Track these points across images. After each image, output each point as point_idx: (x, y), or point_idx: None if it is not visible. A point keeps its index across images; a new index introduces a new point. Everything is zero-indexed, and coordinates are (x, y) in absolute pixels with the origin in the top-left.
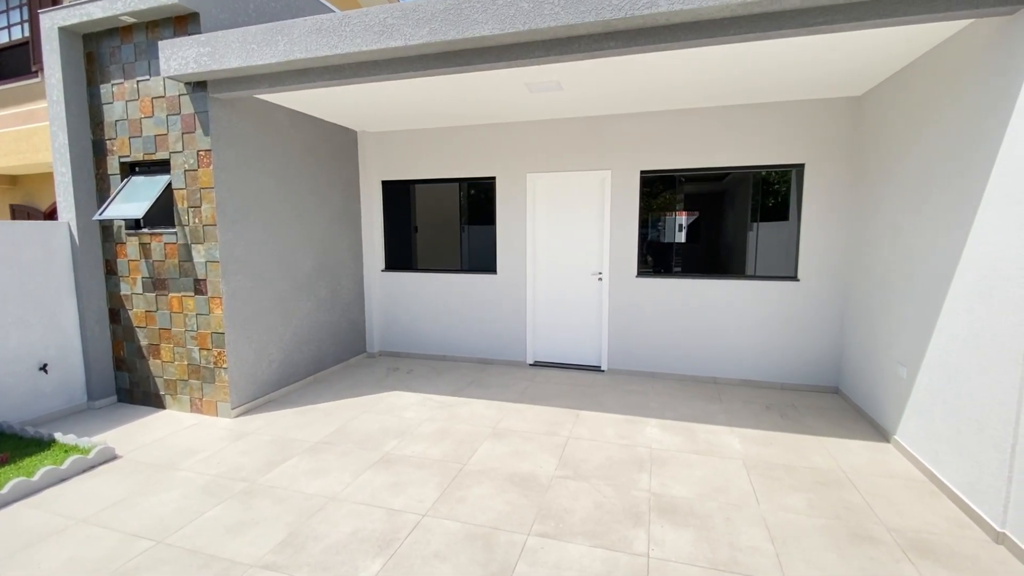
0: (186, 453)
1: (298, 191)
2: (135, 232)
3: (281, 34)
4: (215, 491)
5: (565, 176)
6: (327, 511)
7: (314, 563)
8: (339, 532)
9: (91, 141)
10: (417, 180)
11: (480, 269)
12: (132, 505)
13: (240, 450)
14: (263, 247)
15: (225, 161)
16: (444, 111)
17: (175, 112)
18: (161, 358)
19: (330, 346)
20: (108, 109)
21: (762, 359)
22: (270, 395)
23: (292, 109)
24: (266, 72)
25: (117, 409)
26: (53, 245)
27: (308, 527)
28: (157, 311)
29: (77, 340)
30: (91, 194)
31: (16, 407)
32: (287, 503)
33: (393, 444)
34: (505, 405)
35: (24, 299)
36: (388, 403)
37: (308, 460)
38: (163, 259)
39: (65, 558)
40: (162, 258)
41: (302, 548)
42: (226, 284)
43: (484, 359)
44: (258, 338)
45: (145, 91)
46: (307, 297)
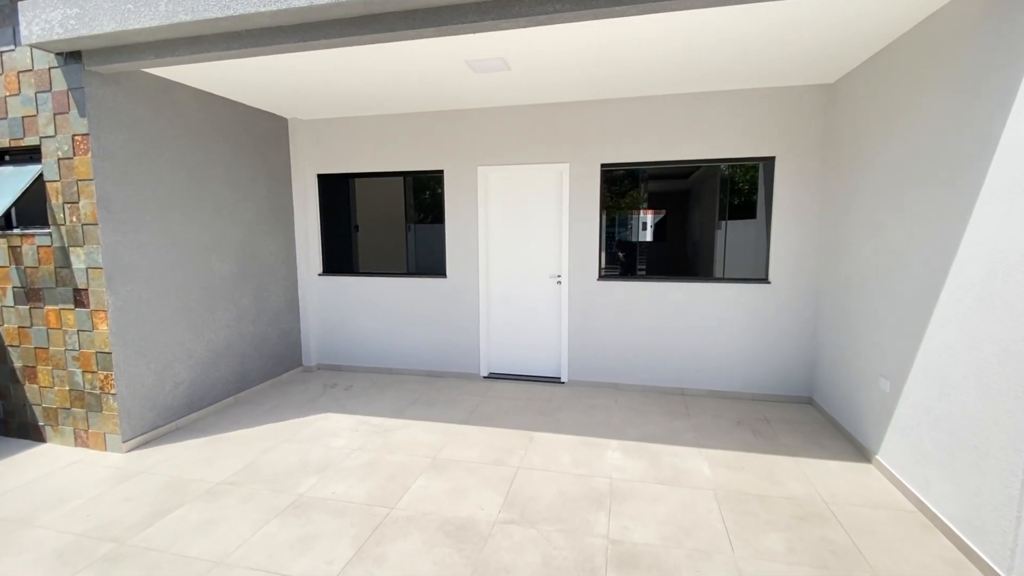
0: (54, 502)
1: (211, 185)
2: (4, 233)
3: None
4: (71, 557)
5: (520, 170)
6: None
7: None
8: None
9: None
10: (357, 174)
11: (428, 272)
12: None
13: (122, 496)
14: (164, 250)
15: (109, 148)
16: (383, 95)
17: (45, 89)
18: (39, 382)
19: (255, 360)
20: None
21: (732, 368)
22: (176, 422)
23: (201, 90)
24: (150, 40)
25: None
26: None
27: None
28: (32, 327)
29: None
30: None
31: None
32: (159, 571)
33: (311, 483)
34: (451, 428)
35: None
36: (316, 428)
37: (202, 508)
38: (36, 265)
39: None
40: (35, 264)
41: None
42: (112, 295)
43: (433, 371)
44: (159, 357)
45: (10, 64)
46: (225, 307)
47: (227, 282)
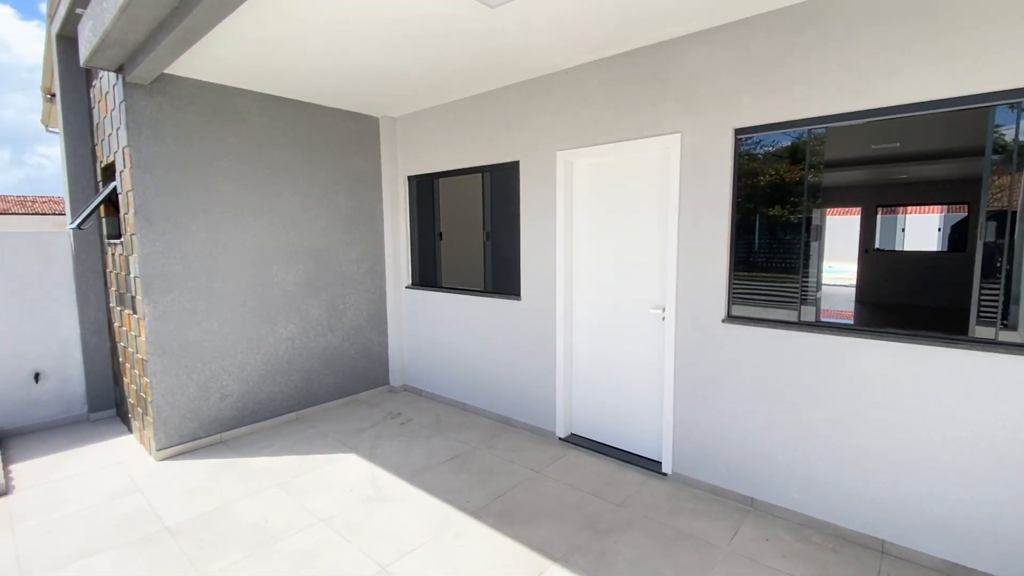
0: (52, 507)
1: (275, 193)
2: (113, 242)
3: None
4: None
5: (608, 151)
6: None
7: None
8: None
9: (90, 148)
10: (440, 173)
11: (503, 291)
12: None
13: (84, 521)
14: (213, 260)
15: (148, 160)
16: (455, 66)
17: (115, 108)
18: (126, 379)
19: (325, 376)
20: (95, 113)
21: (977, 520)
22: (222, 434)
23: (268, 95)
24: (144, 31)
25: (104, 425)
26: (52, 254)
27: None
28: (121, 327)
29: (77, 350)
30: (88, 203)
31: (11, 414)
32: None
33: (230, 560)
34: (452, 517)
35: (20, 308)
36: (320, 474)
37: (114, 560)
38: (119, 271)
39: None
40: (118, 270)
41: None
42: (150, 304)
43: (505, 418)
44: (203, 367)
45: (103, 88)
46: (288, 318)
47: (291, 293)
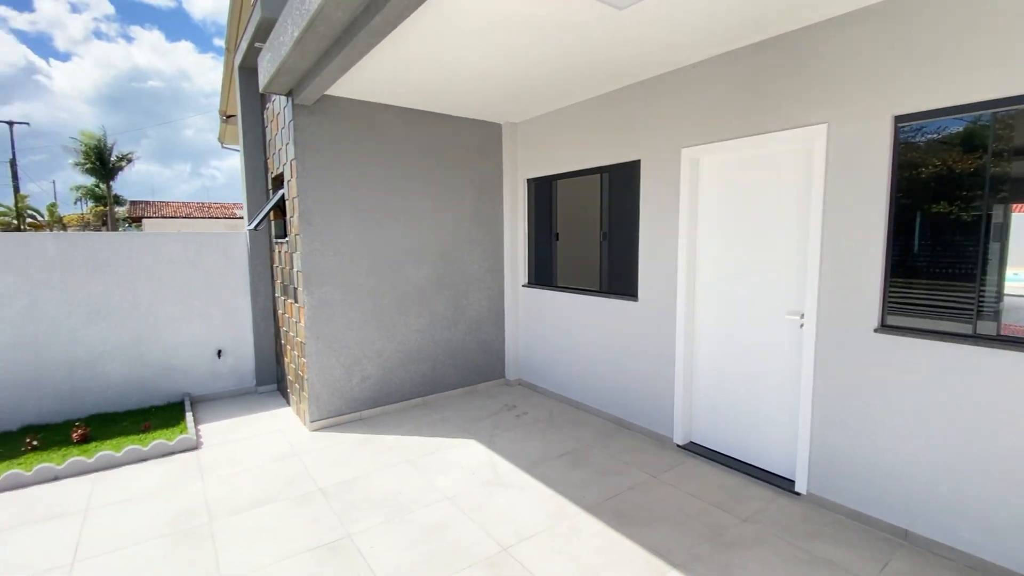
0: (231, 462)
1: (409, 197)
2: (280, 241)
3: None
4: (170, 526)
5: (738, 146)
6: None
7: None
8: None
9: (263, 162)
10: (558, 175)
11: (619, 291)
12: (124, 505)
13: (247, 480)
14: (358, 258)
15: (309, 169)
16: (581, 70)
17: (285, 127)
18: (287, 359)
19: (448, 367)
20: (268, 131)
21: None
22: (361, 412)
23: (407, 108)
24: (312, 60)
25: (268, 397)
26: (232, 252)
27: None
28: (284, 314)
29: (249, 333)
30: (261, 208)
31: (199, 383)
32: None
33: (364, 526)
34: (567, 511)
35: (208, 296)
36: (445, 457)
37: (280, 511)
38: (284, 266)
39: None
40: (283, 265)
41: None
42: (308, 295)
43: (619, 419)
44: (348, 352)
45: (275, 110)
46: (419, 312)
47: (422, 289)
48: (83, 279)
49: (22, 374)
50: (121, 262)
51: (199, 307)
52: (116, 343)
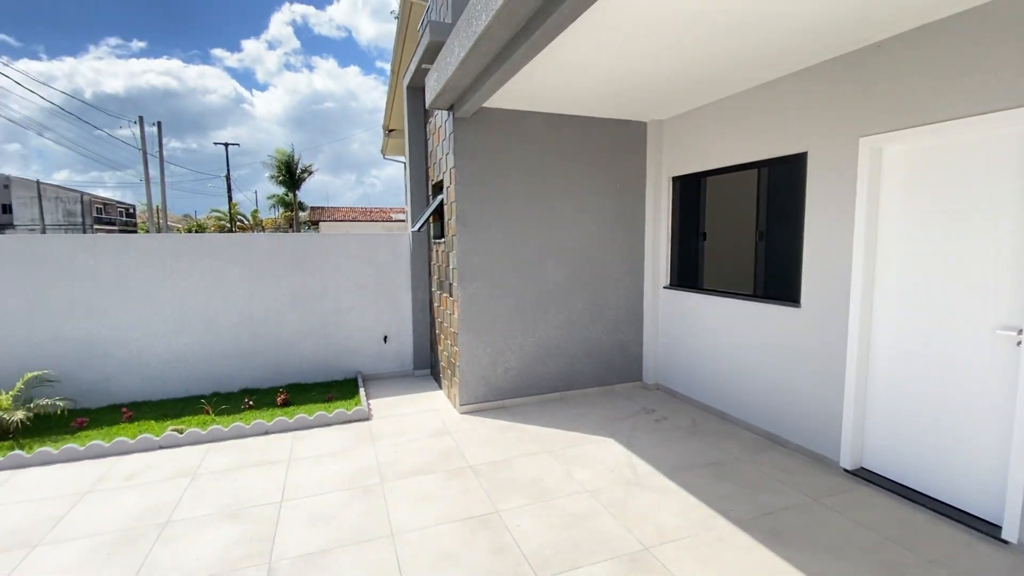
0: (396, 434)
1: (551, 198)
2: (437, 241)
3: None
4: (350, 482)
5: (939, 131)
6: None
7: None
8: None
9: (424, 170)
10: (708, 171)
11: (777, 296)
12: (301, 460)
13: (412, 448)
14: (504, 256)
15: (466, 176)
16: (737, 60)
17: (446, 138)
18: (440, 347)
19: (585, 365)
20: (429, 143)
21: None
22: (503, 401)
23: (551, 113)
24: (476, 66)
25: (423, 380)
26: (399, 250)
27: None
28: (439, 306)
29: (409, 322)
30: (423, 212)
31: (369, 364)
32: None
33: (519, 502)
34: (719, 522)
35: (378, 288)
36: (586, 451)
37: (437, 481)
38: (440, 263)
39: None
40: (440, 262)
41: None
42: (462, 290)
43: (772, 435)
44: (494, 343)
45: (437, 123)
46: (558, 310)
47: (561, 287)
48: (287, 272)
49: (243, 347)
50: (314, 258)
51: (371, 298)
52: (309, 326)
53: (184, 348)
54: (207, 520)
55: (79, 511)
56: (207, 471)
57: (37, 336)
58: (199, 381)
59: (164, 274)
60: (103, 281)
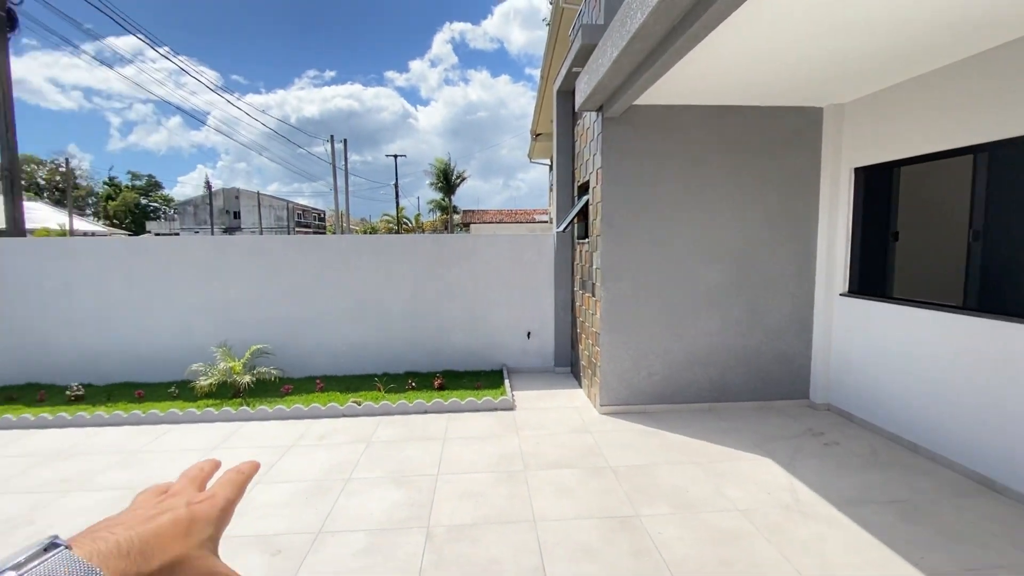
0: (538, 426)
1: (704, 195)
2: (581, 241)
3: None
4: (495, 466)
5: None
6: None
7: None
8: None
9: (570, 172)
10: (902, 160)
11: (999, 309)
12: (462, 440)
13: (555, 441)
14: (650, 257)
15: (613, 175)
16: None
17: (594, 139)
18: (581, 346)
19: (740, 376)
20: (576, 145)
21: None
22: (645, 406)
23: (707, 106)
24: (628, 65)
25: (563, 378)
26: (543, 250)
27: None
28: (581, 306)
29: (551, 320)
30: (567, 213)
31: (513, 357)
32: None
33: (662, 509)
34: (906, 571)
35: (523, 286)
36: (739, 469)
37: (576, 476)
38: (583, 263)
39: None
40: (583, 262)
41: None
42: (605, 290)
43: (984, 477)
44: (637, 347)
45: (585, 125)
46: (709, 315)
47: (713, 290)
48: (445, 269)
49: (407, 335)
50: (468, 257)
51: (516, 295)
52: (461, 318)
53: (362, 332)
54: (378, 482)
55: (285, 460)
56: (378, 440)
57: (259, 316)
58: (372, 362)
59: (348, 269)
60: (305, 273)
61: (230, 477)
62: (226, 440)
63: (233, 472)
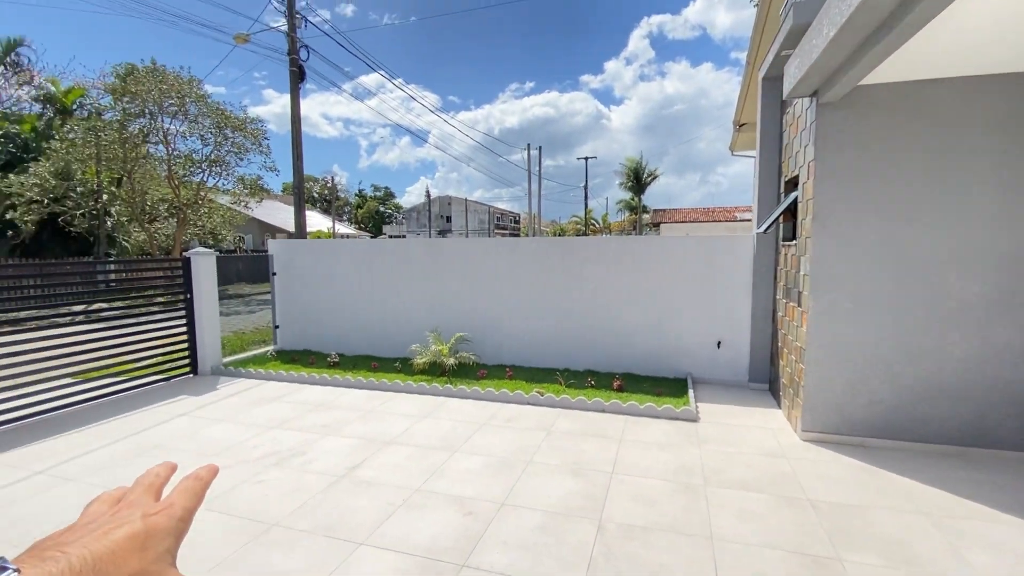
0: (723, 442)
1: (960, 187)
2: (787, 243)
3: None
4: (672, 475)
5: None
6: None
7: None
8: None
9: (777, 166)
10: None
11: None
12: (666, 451)
13: (743, 460)
14: (877, 264)
15: (829, 168)
16: None
17: (805, 128)
18: (782, 361)
19: (1007, 419)
20: (784, 136)
21: None
22: (865, 439)
23: (961, 76)
24: (852, 39)
25: (758, 395)
26: (739, 252)
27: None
28: (784, 316)
29: (747, 330)
30: (771, 212)
31: (699, 367)
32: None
33: (874, 561)
34: None
35: (714, 291)
36: (991, 532)
37: (742, 497)
38: (789, 268)
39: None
40: (788, 267)
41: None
42: (814, 300)
43: None
44: (854, 368)
45: (795, 113)
46: (962, 336)
47: (969, 307)
48: (629, 270)
49: (589, 334)
50: (654, 258)
51: (706, 301)
52: (642, 322)
53: (547, 329)
54: (556, 469)
55: (478, 436)
56: (557, 430)
57: (462, 308)
58: (553, 357)
59: (536, 269)
60: (500, 272)
61: (189, 485)
62: (433, 411)
63: (192, 479)
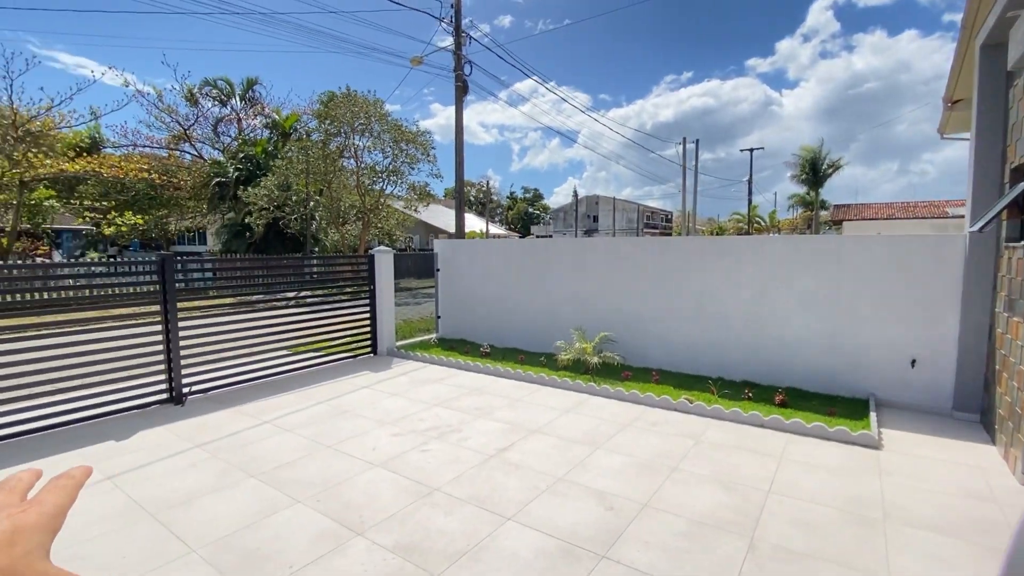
0: (912, 476)
1: None
2: (1012, 244)
3: None
4: (844, 505)
5: None
6: None
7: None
8: None
9: (1000, 151)
10: None
11: None
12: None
13: (936, 499)
14: None
15: None
16: None
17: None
18: (999, 387)
19: None
20: (1011, 115)
21: None
22: None
23: None
24: None
25: (965, 427)
26: (944, 255)
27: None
28: (1005, 334)
29: (953, 348)
30: (990, 207)
31: (885, 387)
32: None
33: None
34: None
35: (908, 301)
36: None
37: (930, 540)
38: (1013, 276)
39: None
40: (1013, 275)
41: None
42: None
43: None
44: None
45: (1023, 87)
46: None
47: None
48: (798, 274)
49: (747, 342)
50: (829, 261)
51: (898, 312)
52: (815, 331)
53: (699, 334)
54: (704, 479)
55: (621, 436)
56: (707, 440)
57: (607, 307)
58: (706, 364)
59: (689, 271)
60: (648, 272)
61: (60, 483)
62: (576, 407)
63: (64, 477)
